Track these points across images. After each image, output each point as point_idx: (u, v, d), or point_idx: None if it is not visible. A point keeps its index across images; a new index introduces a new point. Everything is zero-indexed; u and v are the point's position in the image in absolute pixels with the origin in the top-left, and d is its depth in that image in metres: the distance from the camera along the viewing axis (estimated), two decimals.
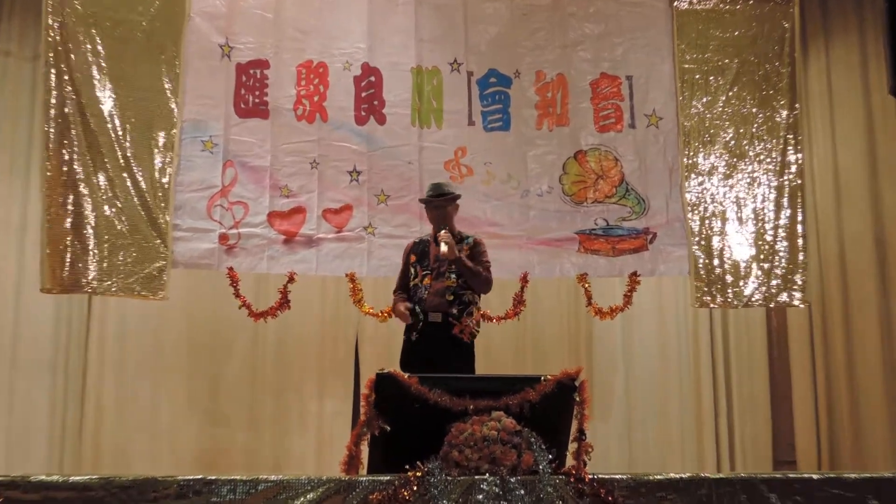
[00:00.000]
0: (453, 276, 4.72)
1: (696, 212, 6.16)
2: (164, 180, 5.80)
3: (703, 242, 6.10)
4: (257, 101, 6.07)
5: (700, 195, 6.18)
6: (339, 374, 6.48)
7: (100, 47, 5.68)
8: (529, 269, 6.09)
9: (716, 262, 6.08)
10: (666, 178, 6.20)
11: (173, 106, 5.88)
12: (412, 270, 4.84)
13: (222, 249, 5.85)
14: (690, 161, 6.20)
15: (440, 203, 4.83)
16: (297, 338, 6.54)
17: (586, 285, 6.07)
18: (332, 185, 6.05)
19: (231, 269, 5.87)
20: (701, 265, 6.08)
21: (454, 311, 4.64)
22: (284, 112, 6.08)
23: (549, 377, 3.81)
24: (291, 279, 5.92)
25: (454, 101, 6.20)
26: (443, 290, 4.64)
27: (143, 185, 5.74)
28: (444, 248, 4.61)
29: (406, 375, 3.82)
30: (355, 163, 6.08)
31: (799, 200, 6.12)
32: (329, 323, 6.59)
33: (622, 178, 6.20)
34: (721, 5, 6.16)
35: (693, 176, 6.20)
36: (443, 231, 4.70)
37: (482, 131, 6.21)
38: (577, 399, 3.86)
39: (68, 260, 5.45)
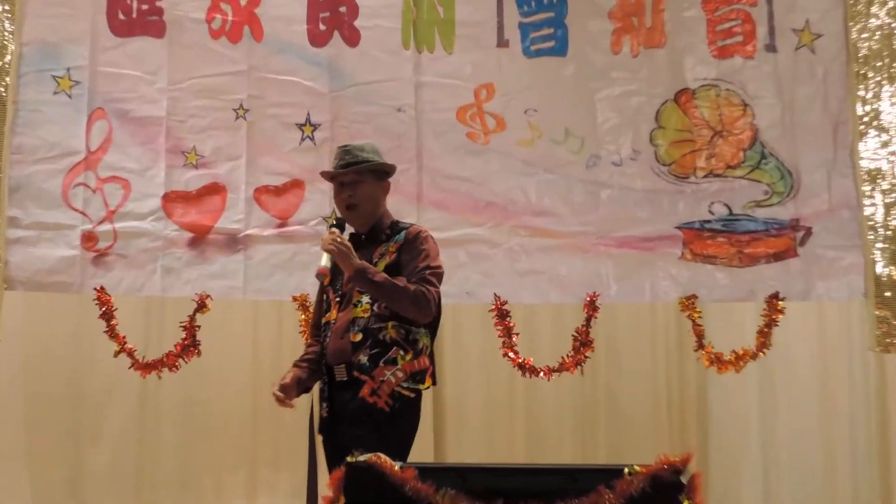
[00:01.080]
0: (365, 299, 4.62)
1: (877, 191, 6.16)
2: None
3: (890, 243, 6.08)
4: (145, 8, 6.07)
5: (886, 164, 6.17)
6: (282, 459, 6.47)
7: None
8: (601, 287, 6.10)
9: None
10: (828, 135, 6.22)
11: (5, 21, 5.92)
12: (325, 298, 4.82)
13: (87, 258, 5.86)
14: (869, 108, 6.20)
15: (353, 178, 4.72)
16: (214, 402, 6.60)
17: (696, 315, 6.08)
18: (272, 147, 6.06)
19: (101, 289, 5.85)
20: (885, 281, 6.08)
21: (362, 358, 4.50)
22: (190, 25, 6.10)
23: (637, 468, 3.67)
24: (203, 306, 5.93)
25: (473, 8, 6.25)
26: (346, 325, 4.56)
27: None
28: (324, 260, 4.54)
29: (396, 466, 3.66)
30: (309, 109, 6.09)
31: None
32: (266, 377, 6.34)
33: (755, 136, 6.22)
34: None
35: (873, 132, 6.20)
36: (329, 231, 4.63)
37: (521, 58, 6.23)
38: (686, 503, 3.69)
39: None
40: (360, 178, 4.72)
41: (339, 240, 4.54)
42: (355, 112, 6.10)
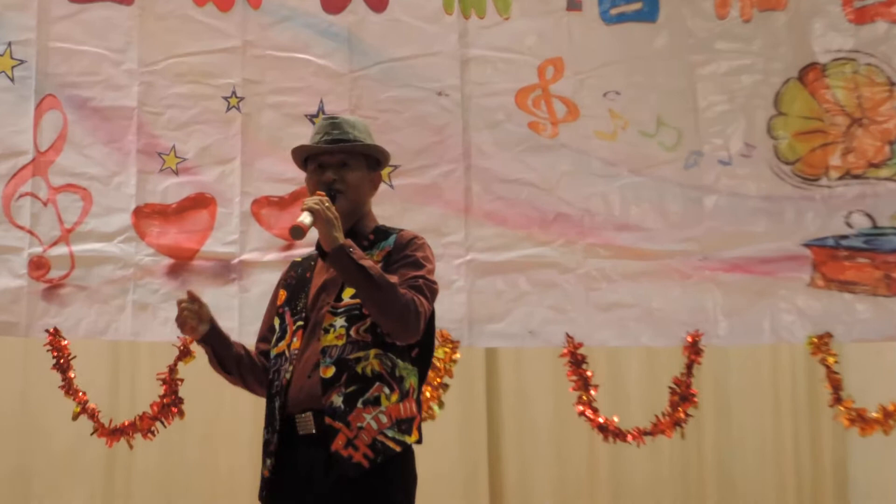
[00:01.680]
0: (339, 322, 4.26)
1: None
2: None
3: None
4: None
5: None
6: None
7: None
8: (706, 324, 5.97)
9: None
10: None
11: None
12: (276, 323, 4.52)
13: (36, 290, 5.69)
14: None
15: (341, 159, 4.37)
16: (201, 476, 6.68)
17: (831, 360, 5.89)
18: (274, 147, 5.90)
19: (55, 332, 5.65)
20: None
21: (335, 400, 4.09)
22: None
23: None
24: (186, 353, 5.75)
25: None
26: (313, 360, 4.19)
27: None
28: (305, 217, 4.19)
29: None
30: (323, 96, 5.96)
31: None
32: None
33: None
34: None
35: None
36: (317, 193, 4.30)
37: (598, 24, 6.14)
38: None
39: None
40: (349, 160, 4.39)
41: (327, 204, 4.20)
42: (383, 98, 5.95)
